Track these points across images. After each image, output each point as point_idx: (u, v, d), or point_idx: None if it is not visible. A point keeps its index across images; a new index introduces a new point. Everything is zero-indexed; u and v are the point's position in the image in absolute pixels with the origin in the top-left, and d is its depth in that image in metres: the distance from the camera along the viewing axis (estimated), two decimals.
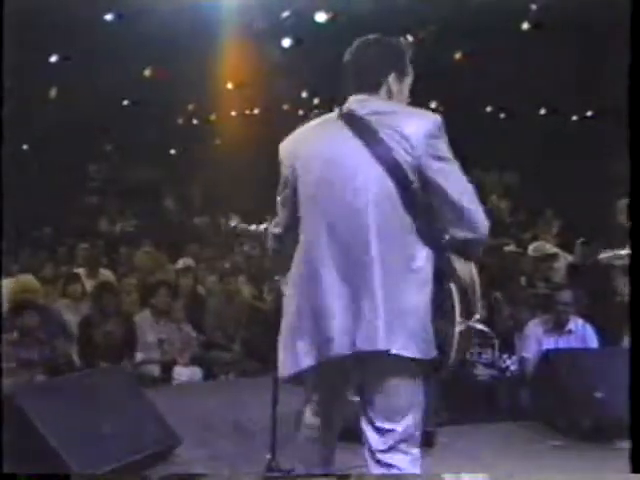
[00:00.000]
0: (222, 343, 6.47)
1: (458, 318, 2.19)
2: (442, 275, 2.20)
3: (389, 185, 2.18)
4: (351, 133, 2.24)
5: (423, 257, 2.18)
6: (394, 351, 2.14)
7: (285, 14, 8.31)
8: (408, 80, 2.39)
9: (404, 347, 2.14)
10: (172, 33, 7.79)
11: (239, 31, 8.59)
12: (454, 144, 2.27)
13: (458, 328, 2.18)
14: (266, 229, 2.94)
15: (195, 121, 11.18)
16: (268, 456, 3.55)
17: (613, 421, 4.28)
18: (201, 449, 4.01)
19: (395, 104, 2.34)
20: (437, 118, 2.25)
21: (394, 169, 2.16)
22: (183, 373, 5.81)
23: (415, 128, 2.20)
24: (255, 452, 3.81)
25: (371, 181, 2.19)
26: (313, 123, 2.42)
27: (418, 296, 2.17)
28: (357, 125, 2.24)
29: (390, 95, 2.34)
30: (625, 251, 3.24)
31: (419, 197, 2.20)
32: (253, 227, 3.37)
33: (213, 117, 11.13)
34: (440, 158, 2.20)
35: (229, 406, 4.90)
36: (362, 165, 2.20)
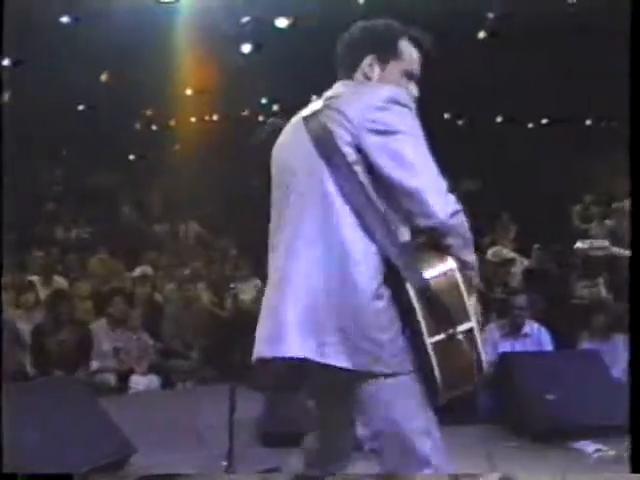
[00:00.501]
0: (180, 351, 6.43)
1: (424, 328, 1.89)
2: (395, 277, 1.90)
3: (328, 181, 1.94)
4: (304, 128, 2.02)
5: (359, 256, 1.91)
6: (318, 360, 1.90)
7: (245, 19, 8.30)
8: (397, 64, 2.11)
9: (324, 355, 1.90)
10: (130, 37, 7.73)
11: (198, 36, 8.57)
12: None
13: (431, 340, 1.89)
14: None
15: (154, 127, 11.10)
16: (224, 463, 3.57)
17: (566, 422, 4.40)
18: (157, 457, 3.97)
19: (358, 84, 2.08)
20: (389, 89, 1.98)
21: (334, 158, 1.92)
22: (140, 382, 5.76)
23: (356, 102, 1.94)
24: (212, 459, 3.80)
25: (310, 178, 1.98)
26: (290, 123, 2.18)
27: (352, 300, 1.90)
28: (310, 117, 2.02)
29: (369, 79, 2.09)
30: (602, 242, 3.20)
31: (365, 186, 1.92)
32: None
33: (172, 123, 11.07)
34: (382, 132, 1.90)
35: (187, 414, 4.87)
36: (306, 162, 2.00)
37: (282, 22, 8.25)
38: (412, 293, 1.89)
